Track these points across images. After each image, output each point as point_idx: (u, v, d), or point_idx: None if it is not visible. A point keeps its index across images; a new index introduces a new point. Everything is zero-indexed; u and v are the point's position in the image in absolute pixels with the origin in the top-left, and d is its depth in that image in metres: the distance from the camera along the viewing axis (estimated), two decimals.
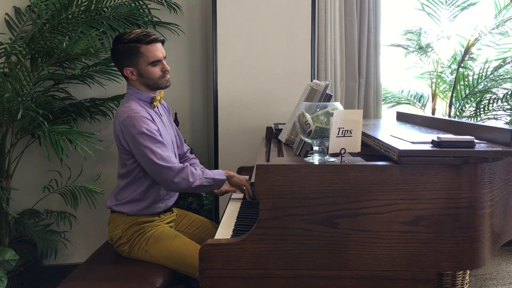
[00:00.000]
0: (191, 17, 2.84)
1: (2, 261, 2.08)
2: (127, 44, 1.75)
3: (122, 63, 1.79)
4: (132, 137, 1.70)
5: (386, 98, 3.41)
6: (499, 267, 2.93)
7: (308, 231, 1.27)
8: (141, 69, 1.77)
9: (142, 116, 1.71)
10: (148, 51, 1.75)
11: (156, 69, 1.78)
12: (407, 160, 1.24)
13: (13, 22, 2.56)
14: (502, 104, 3.18)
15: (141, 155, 1.70)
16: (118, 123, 1.74)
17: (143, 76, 1.79)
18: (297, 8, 2.56)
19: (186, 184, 1.69)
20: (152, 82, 1.80)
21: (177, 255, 1.74)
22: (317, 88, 1.73)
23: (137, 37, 1.74)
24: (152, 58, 1.76)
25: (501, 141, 1.38)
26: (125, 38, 1.75)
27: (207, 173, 1.75)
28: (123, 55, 1.77)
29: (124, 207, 1.81)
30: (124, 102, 1.82)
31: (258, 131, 2.58)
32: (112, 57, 1.83)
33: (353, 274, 1.29)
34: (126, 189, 1.82)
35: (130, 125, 1.69)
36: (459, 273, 1.60)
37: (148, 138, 1.68)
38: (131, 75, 1.79)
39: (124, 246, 1.80)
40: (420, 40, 3.28)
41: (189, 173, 1.69)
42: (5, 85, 2.13)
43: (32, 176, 2.72)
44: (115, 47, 1.79)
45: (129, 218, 1.81)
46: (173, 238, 1.79)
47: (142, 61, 1.76)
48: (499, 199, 1.38)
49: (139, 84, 1.82)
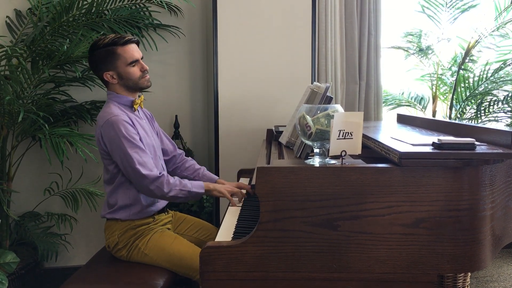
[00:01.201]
0: (191, 20, 2.85)
1: (3, 263, 2.08)
2: (103, 48, 1.75)
3: (101, 68, 1.78)
4: (110, 141, 1.70)
5: (386, 100, 3.41)
6: (500, 269, 2.92)
7: (309, 233, 1.27)
8: (120, 71, 1.77)
9: (122, 120, 1.70)
10: (125, 52, 1.76)
11: (135, 69, 1.78)
12: (408, 162, 1.24)
13: (14, 24, 2.57)
14: (503, 106, 3.18)
15: (119, 159, 1.70)
16: (98, 128, 1.74)
17: (123, 78, 1.78)
18: (297, 11, 2.56)
19: (161, 193, 1.69)
20: (132, 83, 1.79)
21: (177, 258, 1.74)
22: (318, 91, 1.74)
23: (111, 41, 1.75)
24: (129, 59, 1.76)
25: (502, 143, 1.38)
26: (100, 44, 1.75)
27: (185, 184, 1.73)
28: (101, 60, 1.76)
29: (116, 214, 1.79)
30: (104, 107, 1.80)
31: (258, 134, 2.58)
32: (91, 65, 1.82)
33: (354, 277, 1.29)
34: (113, 195, 1.80)
35: (110, 128, 1.69)
36: (460, 276, 1.60)
37: (127, 142, 1.68)
38: (112, 79, 1.78)
39: (121, 251, 1.80)
40: (421, 42, 3.28)
41: (164, 182, 1.68)
42: (6, 87, 2.14)
43: (33, 178, 2.72)
44: (91, 54, 1.78)
45: (123, 223, 1.79)
46: (173, 241, 1.79)
47: (120, 63, 1.76)
48: (500, 201, 1.38)
49: (120, 87, 1.80)
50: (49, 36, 2.34)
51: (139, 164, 1.67)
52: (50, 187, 2.61)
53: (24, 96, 2.31)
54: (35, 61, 2.36)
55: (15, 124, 2.34)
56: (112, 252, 1.83)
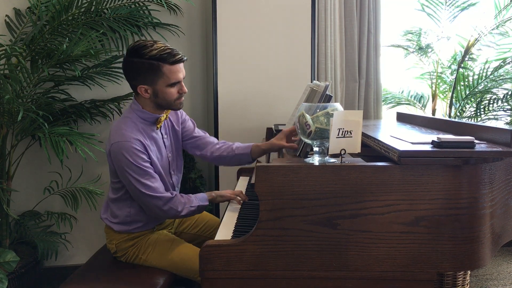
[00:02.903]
0: (191, 18, 2.84)
1: (3, 262, 2.08)
2: (147, 60, 1.57)
3: (137, 79, 1.62)
4: (119, 165, 1.62)
5: (386, 99, 3.41)
6: (500, 267, 2.92)
7: (309, 232, 1.27)
8: (158, 89, 1.62)
9: (133, 148, 1.58)
10: (170, 72, 1.59)
11: (174, 90, 1.64)
12: (407, 161, 1.24)
13: (13, 23, 2.56)
14: (502, 104, 3.17)
15: (128, 184, 1.64)
16: (109, 143, 1.64)
17: (158, 97, 1.64)
18: (297, 9, 2.56)
19: (174, 213, 1.66)
20: (166, 103, 1.66)
21: (177, 260, 1.72)
22: (317, 89, 1.73)
23: (160, 55, 1.56)
24: (173, 80, 1.61)
25: (501, 141, 1.38)
26: (145, 53, 1.56)
27: (192, 200, 1.71)
28: (141, 72, 1.59)
29: (115, 226, 1.76)
30: (124, 117, 1.68)
31: (258, 132, 2.58)
32: (126, 69, 1.64)
33: (354, 275, 1.29)
34: (116, 205, 1.76)
35: (119, 153, 1.59)
36: (459, 274, 1.60)
37: (136, 170, 1.59)
38: (145, 93, 1.63)
39: (121, 258, 1.80)
40: (420, 41, 3.28)
41: (177, 202, 1.66)
42: (5, 86, 2.14)
43: (33, 177, 2.72)
44: (131, 60, 1.60)
45: (121, 234, 1.77)
46: (171, 244, 1.76)
47: (161, 82, 1.60)
48: (500, 200, 1.38)
49: (149, 103, 1.67)
50: (49, 35, 2.34)
51: (149, 189, 1.61)
52: (50, 186, 2.61)
53: (23, 95, 2.31)
54: (34, 60, 2.35)
55: (15, 123, 2.34)
56: (112, 255, 1.84)
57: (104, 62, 2.56)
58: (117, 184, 1.73)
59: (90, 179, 2.69)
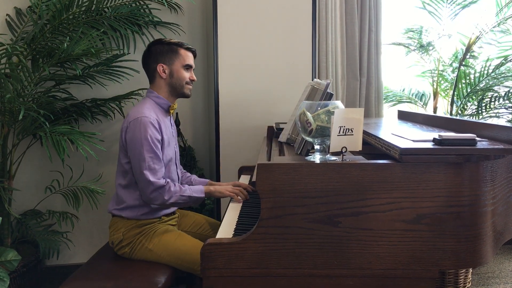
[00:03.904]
0: (191, 17, 2.84)
1: (5, 261, 2.08)
2: (167, 45, 1.87)
3: (157, 59, 1.86)
4: (133, 138, 1.74)
5: (387, 97, 3.40)
6: (502, 265, 2.92)
7: (310, 230, 1.27)
8: (174, 68, 1.87)
9: (150, 123, 1.75)
10: (186, 55, 1.89)
11: (186, 74, 1.89)
12: (409, 159, 1.24)
13: (14, 23, 2.56)
14: (504, 102, 3.17)
15: (133, 158, 1.74)
16: (127, 121, 1.79)
17: (173, 77, 1.87)
18: (297, 7, 2.56)
19: (161, 201, 1.74)
20: (178, 84, 1.88)
21: (182, 253, 1.75)
22: (318, 87, 1.73)
23: (178, 42, 1.89)
24: (187, 61, 1.88)
25: (503, 139, 1.38)
26: (165, 41, 1.89)
27: (185, 190, 1.78)
28: (161, 53, 1.86)
29: (123, 212, 1.82)
30: (141, 103, 1.87)
31: (259, 131, 2.58)
32: (146, 56, 1.90)
33: (355, 273, 1.29)
34: (123, 191, 1.83)
35: (136, 127, 1.74)
36: (461, 272, 1.60)
37: (146, 144, 1.72)
38: (162, 73, 1.86)
39: (125, 248, 1.80)
40: (421, 39, 3.27)
41: (166, 190, 1.73)
42: (6, 85, 2.14)
43: (34, 176, 2.72)
44: (153, 47, 1.88)
45: (129, 221, 1.82)
46: (177, 236, 1.80)
47: (177, 62, 1.87)
48: (501, 197, 1.38)
49: (164, 86, 1.88)
50: (49, 34, 2.34)
51: (148, 169, 1.71)
52: (51, 185, 2.62)
53: (24, 94, 2.31)
54: (35, 59, 2.35)
55: (16, 122, 2.34)
56: (115, 249, 1.84)
57: (105, 61, 2.55)
58: (126, 166, 1.81)
59: (92, 178, 2.69)
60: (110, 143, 2.78)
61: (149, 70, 1.91)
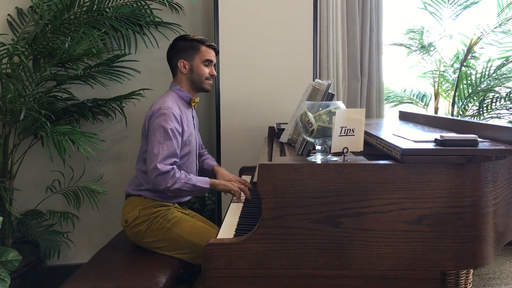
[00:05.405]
0: (193, 17, 2.84)
1: (5, 261, 2.08)
2: (189, 41, 1.99)
3: (179, 55, 1.98)
4: (153, 126, 1.85)
5: (388, 98, 3.40)
6: (503, 266, 2.91)
7: (311, 230, 1.27)
8: (194, 64, 1.98)
9: (172, 114, 1.86)
10: (206, 51, 1.99)
11: (206, 70, 2.00)
12: (410, 159, 1.23)
13: (15, 23, 2.56)
14: (505, 103, 3.17)
15: (150, 143, 1.85)
16: (151, 110, 1.90)
17: (193, 72, 1.99)
18: (299, 8, 2.56)
19: (164, 186, 1.79)
20: (198, 79, 1.99)
21: (202, 231, 1.84)
22: (319, 88, 1.73)
23: (200, 39, 2.00)
24: (207, 57, 1.99)
25: (504, 139, 1.38)
26: (188, 37, 2.00)
27: (191, 178, 1.84)
28: (183, 49, 1.98)
29: (141, 192, 1.93)
30: (165, 95, 1.98)
31: (260, 131, 2.58)
32: (170, 51, 2.03)
33: (356, 274, 1.29)
34: (144, 176, 1.92)
35: (159, 116, 1.85)
36: (462, 272, 1.59)
37: (164, 133, 1.82)
38: (183, 68, 1.98)
39: (140, 226, 1.87)
40: (423, 39, 3.27)
41: (170, 176, 1.79)
42: (7, 85, 2.14)
43: (35, 176, 2.72)
44: (176, 43, 2.01)
45: (147, 200, 1.91)
46: (193, 220, 1.93)
47: (197, 58, 1.98)
48: (503, 198, 1.38)
49: (186, 81, 2.00)
50: (51, 34, 2.34)
51: (159, 155, 1.79)
52: (52, 185, 2.62)
53: (25, 94, 2.31)
54: (36, 59, 2.35)
55: (17, 122, 2.34)
56: (128, 227, 1.90)
57: (106, 61, 2.56)
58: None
59: (92, 178, 2.69)
60: (111, 143, 2.78)
61: (171, 65, 2.03)
